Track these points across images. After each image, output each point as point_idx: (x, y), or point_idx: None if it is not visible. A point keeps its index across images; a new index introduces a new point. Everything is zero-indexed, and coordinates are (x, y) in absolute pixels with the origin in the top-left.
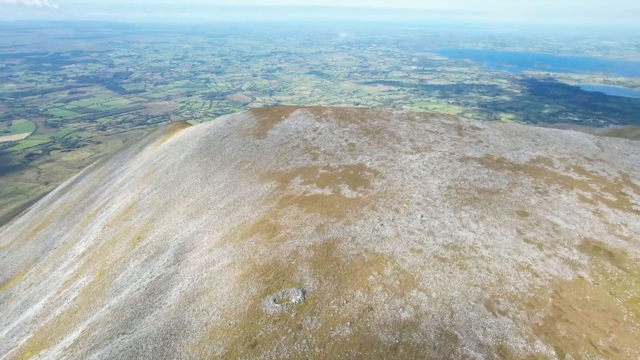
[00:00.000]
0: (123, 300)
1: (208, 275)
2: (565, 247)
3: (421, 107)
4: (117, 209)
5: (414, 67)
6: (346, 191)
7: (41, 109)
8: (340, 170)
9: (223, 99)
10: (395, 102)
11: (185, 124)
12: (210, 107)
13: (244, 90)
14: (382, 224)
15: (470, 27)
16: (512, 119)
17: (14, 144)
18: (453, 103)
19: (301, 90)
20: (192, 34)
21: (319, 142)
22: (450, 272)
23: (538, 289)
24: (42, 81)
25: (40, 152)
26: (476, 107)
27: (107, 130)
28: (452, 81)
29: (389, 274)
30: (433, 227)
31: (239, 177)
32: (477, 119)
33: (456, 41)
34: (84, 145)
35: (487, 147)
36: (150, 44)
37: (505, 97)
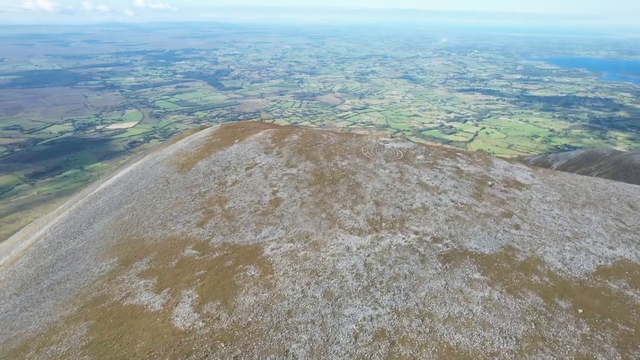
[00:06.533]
0: None
1: None
2: None
3: (520, 120)
4: (39, 234)
5: (518, 76)
6: (185, 309)
7: (150, 101)
8: (216, 254)
9: (313, 100)
10: (492, 112)
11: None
12: (299, 106)
13: (334, 92)
14: None
15: (590, 32)
16: (631, 139)
17: (123, 131)
18: (559, 117)
19: (392, 94)
20: (294, 35)
21: (234, 191)
22: None
23: None
24: (155, 75)
25: (141, 140)
26: (586, 123)
27: (202, 124)
28: (561, 93)
29: None
30: None
31: (100, 237)
32: (527, 169)
33: (571, 48)
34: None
35: (517, 228)
36: (253, 44)
37: (624, 113)
